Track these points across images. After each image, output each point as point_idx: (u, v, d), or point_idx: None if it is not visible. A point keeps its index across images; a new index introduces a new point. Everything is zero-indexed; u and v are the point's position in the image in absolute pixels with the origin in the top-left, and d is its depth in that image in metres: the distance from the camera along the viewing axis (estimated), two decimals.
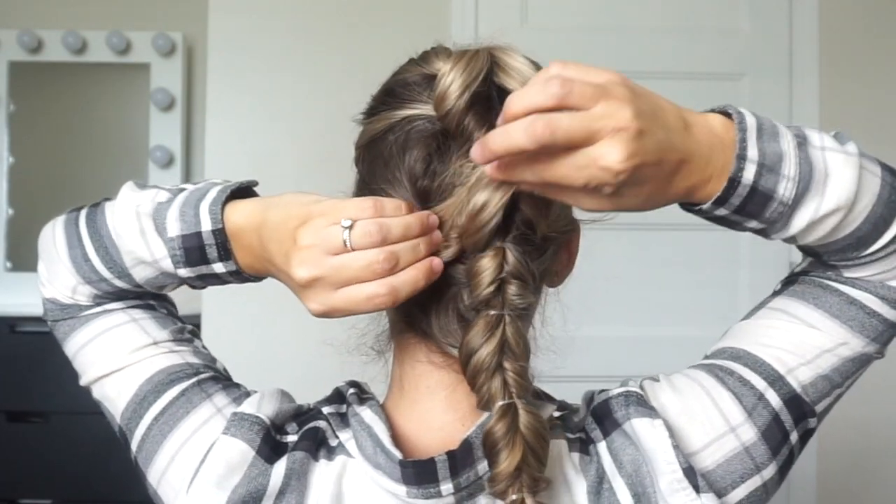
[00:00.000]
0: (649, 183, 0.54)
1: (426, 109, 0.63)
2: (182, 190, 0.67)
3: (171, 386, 0.67)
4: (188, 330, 0.74)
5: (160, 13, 2.58)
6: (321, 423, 0.67)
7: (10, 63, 2.54)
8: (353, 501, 0.63)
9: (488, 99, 0.61)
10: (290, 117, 2.06)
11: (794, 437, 0.65)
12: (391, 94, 0.66)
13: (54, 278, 0.71)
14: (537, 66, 0.64)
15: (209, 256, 0.65)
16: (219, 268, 0.65)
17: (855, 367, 0.67)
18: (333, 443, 0.66)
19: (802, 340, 0.66)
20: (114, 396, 0.69)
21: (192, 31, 2.54)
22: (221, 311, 1.99)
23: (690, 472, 0.61)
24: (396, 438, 0.64)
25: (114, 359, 0.69)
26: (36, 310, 0.78)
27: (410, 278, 0.59)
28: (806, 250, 0.67)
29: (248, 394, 0.69)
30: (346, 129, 0.70)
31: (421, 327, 0.65)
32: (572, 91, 0.52)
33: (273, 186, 0.70)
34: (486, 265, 0.59)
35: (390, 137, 0.64)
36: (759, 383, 0.65)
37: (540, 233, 0.61)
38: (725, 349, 0.69)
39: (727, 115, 0.59)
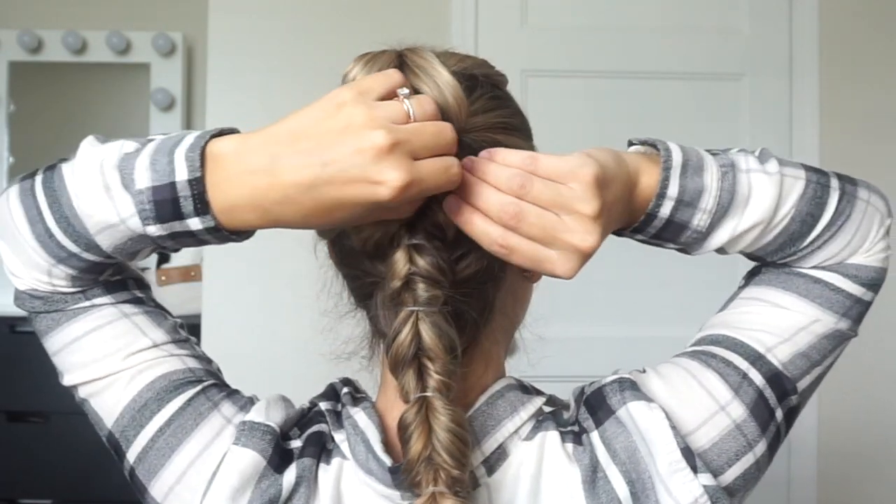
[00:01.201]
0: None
1: None
2: (152, 140, 0.60)
3: (175, 394, 0.65)
4: (180, 325, 0.71)
5: (160, 13, 2.58)
6: (322, 427, 0.67)
7: (10, 63, 2.54)
8: (350, 503, 0.63)
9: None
10: None
11: (779, 414, 0.67)
12: None
13: (24, 264, 0.63)
14: (466, 62, 0.65)
15: (183, 210, 0.56)
16: (194, 223, 0.57)
17: (831, 344, 0.69)
18: (330, 445, 0.66)
19: (777, 321, 0.69)
20: (107, 401, 0.65)
21: (192, 31, 2.54)
22: (221, 311, 1.99)
23: (688, 453, 0.62)
24: (388, 441, 0.64)
25: (108, 361, 0.65)
26: None
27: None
28: (748, 256, 0.71)
29: (251, 400, 0.69)
30: None
31: (378, 327, 0.67)
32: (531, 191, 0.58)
33: None
34: (398, 258, 0.60)
35: None
36: (742, 363, 0.67)
37: (448, 228, 0.61)
38: (704, 338, 0.71)
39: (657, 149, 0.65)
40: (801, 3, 2.09)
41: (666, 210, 0.63)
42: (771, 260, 0.70)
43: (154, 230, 0.57)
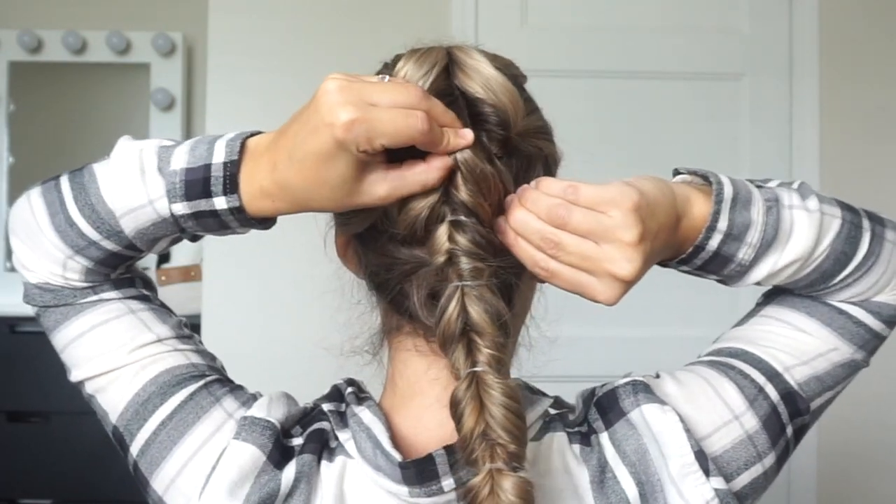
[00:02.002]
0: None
1: None
2: (211, 136, 0.64)
3: (177, 388, 0.65)
4: (184, 323, 0.72)
5: (160, 13, 2.58)
6: (325, 425, 0.67)
7: (10, 63, 2.54)
8: (354, 502, 0.63)
9: (450, 96, 0.61)
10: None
11: (789, 430, 0.68)
12: None
13: (39, 258, 0.65)
14: (505, 65, 0.65)
15: (213, 188, 0.60)
16: (220, 202, 0.60)
17: (845, 372, 0.71)
18: (333, 444, 0.66)
19: (798, 344, 0.70)
20: (112, 395, 0.66)
21: (192, 31, 2.54)
22: (221, 311, 1.99)
23: (701, 456, 0.62)
24: (394, 438, 0.64)
25: (113, 356, 0.66)
26: None
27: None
28: (778, 287, 0.72)
29: (254, 396, 0.69)
30: None
31: (406, 308, 0.65)
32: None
33: None
34: (440, 234, 0.60)
35: None
36: (759, 378, 0.68)
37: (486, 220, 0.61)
38: (722, 349, 0.71)
39: (709, 181, 0.65)
40: (801, 3, 2.09)
41: (714, 243, 0.64)
42: (798, 293, 0.71)
43: (179, 208, 0.61)
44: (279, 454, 0.64)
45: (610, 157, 1.99)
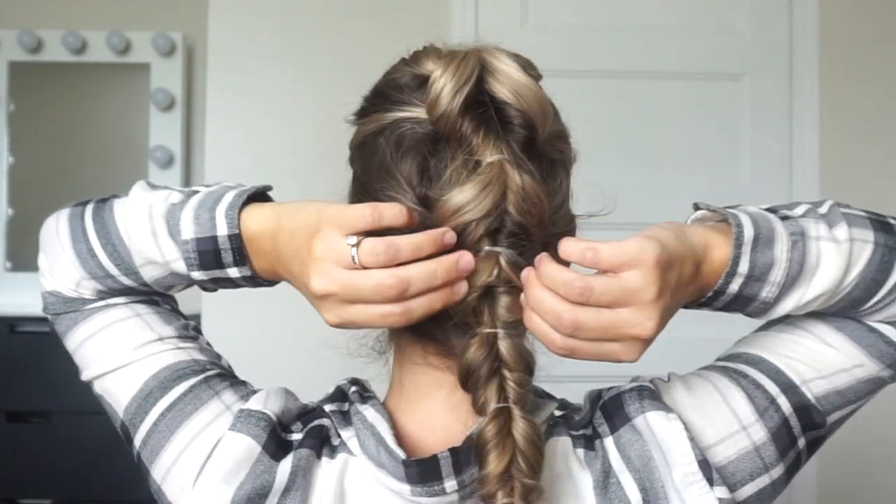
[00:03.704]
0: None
1: (417, 112, 0.63)
2: (195, 192, 0.67)
3: (178, 382, 0.67)
4: (192, 327, 0.74)
5: (160, 13, 2.57)
6: (325, 422, 0.67)
7: (10, 63, 2.54)
8: (355, 499, 0.63)
9: (481, 104, 0.61)
10: (290, 117, 2.06)
11: (801, 442, 0.67)
12: (382, 96, 0.66)
13: (57, 271, 0.70)
14: (525, 65, 0.64)
15: (224, 261, 0.64)
16: (233, 272, 0.65)
17: (868, 388, 0.69)
18: (336, 441, 0.66)
19: (821, 357, 0.67)
20: (117, 392, 0.69)
21: (192, 31, 2.54)
22: (221, 310, 1.98)
23: (705, 465, 0.61)
24: (399, 437, 0.64)
25: (118, 354, 0.69)
26: (36, 310, 0.78)
27: (427, 302, 0.58)
28: None
29: (254, 391, 0.69)
30: (345, 128, 0.70)
31: (419, 328, 0.65)
32: (591, 296, 0.57)
33: (273, 186, 0.70)
34: (478, 269, 0.59)
35: (381, 140, 0.64)
36: (773, 388, 0.66)
37: (534, 236, 0.61)
38: (741, 354, 0.70)
39: (728, 222, 0.63)
40: (801, 3, 2.09)
41: (735, 286, 0.62)
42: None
43: (198, 275, 0.66)
44: (275, 445, 0.64)
45: (610, 158, 1.99)
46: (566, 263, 0.59)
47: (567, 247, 0.59)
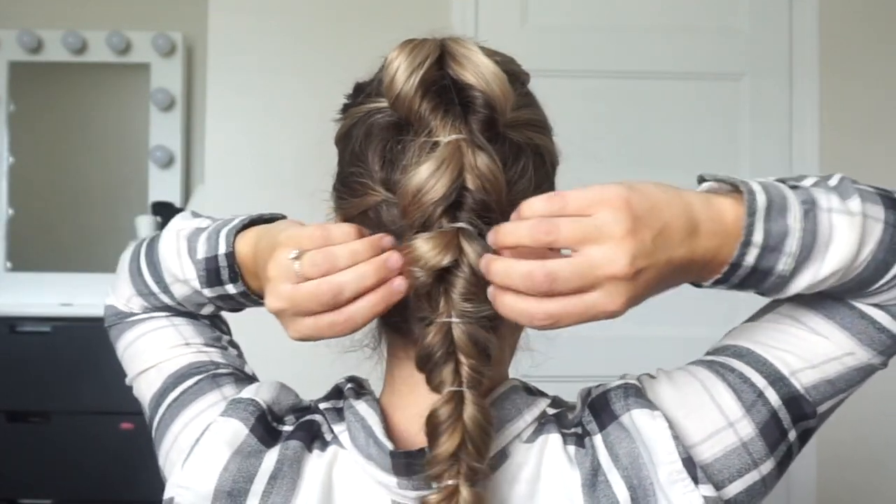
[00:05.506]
0: (653, 290, 0.58)
1: (384, 102, 0.63)
2: (229, 220, 0.73)
3: (189, 377, 0.73)
4: (227, 340, 0.79)
5: (160, 13, 2.58)
6: (318, 418, 0.68)
7: (10, 63, 2.54)
8: (342, 491, 0.64)
9: (444, 88, 0.61)
10: (290, 117, 2.06)
11: (792, 435, 0.65)
12: (358, 91, 0.69)
13: (116, 287, 0.80)
14: (496, 57, 0.64)
15: (223, 277, 0.71)
16: (231, 289, 0.71)
17: (859, 376, 0.67)
18: (328, 437, 0.66)
19: (810, 346, 0.66)
20: (145, 390, 0.75)
21: (192, 31, 2.54)
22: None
23: (689, 463, 0.61)
24: (390, 431, 0.64)
25: (149, 357, 0.76)
26: (36, 310, 0.81)
27: (366, 304, 0.59)
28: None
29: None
30: None
31: (392, 322, 0.66)
32: (559, 233, 0.55)
33: (273, 186, 0.71)
34: (436, 246, 0.59)
35: (354, 132, 0.66)
36: (760, 381, 0.65)
37: (496, 213, 0.60)
38: (728, 346, 0.69)
39: (738, 190, 0.60)
40: (801, 3, 2.09)
41: (751, 258, 0.59)
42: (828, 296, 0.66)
43: (208, 293, 0.72)
44: (263, 430, 0.65)
45: (610, 157, 1.99)
46: None
47: (531, 202, 0.57)
